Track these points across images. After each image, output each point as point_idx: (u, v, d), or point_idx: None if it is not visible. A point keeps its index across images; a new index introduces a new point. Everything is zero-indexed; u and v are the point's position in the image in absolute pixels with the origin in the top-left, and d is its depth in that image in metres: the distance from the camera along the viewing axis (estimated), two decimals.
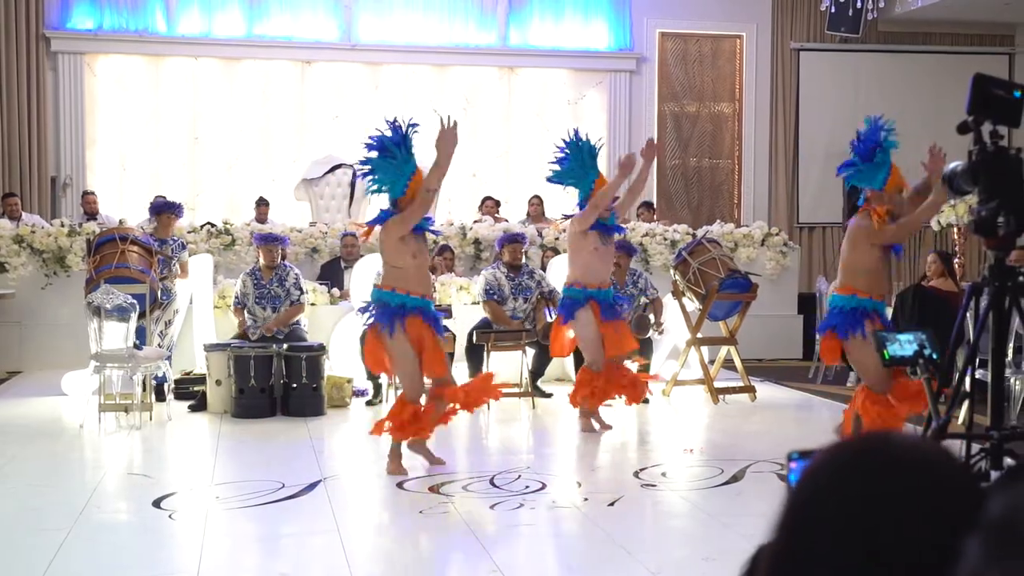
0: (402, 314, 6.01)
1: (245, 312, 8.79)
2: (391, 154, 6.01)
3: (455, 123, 5.96)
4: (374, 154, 6.04)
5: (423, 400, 6.19)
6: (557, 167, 7.41)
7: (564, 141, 7.39)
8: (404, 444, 6.19)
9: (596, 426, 7.53)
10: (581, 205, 7.35)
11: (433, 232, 6.53)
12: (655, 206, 13.37)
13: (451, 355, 8.79)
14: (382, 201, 6.42)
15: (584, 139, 7.37)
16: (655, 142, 7.65)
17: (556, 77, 14.31)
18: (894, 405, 6.09)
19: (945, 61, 14.60)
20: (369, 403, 8.60)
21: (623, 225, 8.49)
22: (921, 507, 1.16)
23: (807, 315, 11.55)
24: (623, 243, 9.55)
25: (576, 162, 7.32)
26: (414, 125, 6.06)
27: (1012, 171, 3.79)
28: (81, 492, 5.70)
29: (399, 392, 6.44)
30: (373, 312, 6.13)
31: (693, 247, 9.39)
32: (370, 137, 6.10)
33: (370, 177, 6.13)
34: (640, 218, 12.42)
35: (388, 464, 6.16)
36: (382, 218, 6.10)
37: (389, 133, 6.04)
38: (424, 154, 6.15)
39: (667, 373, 9.35)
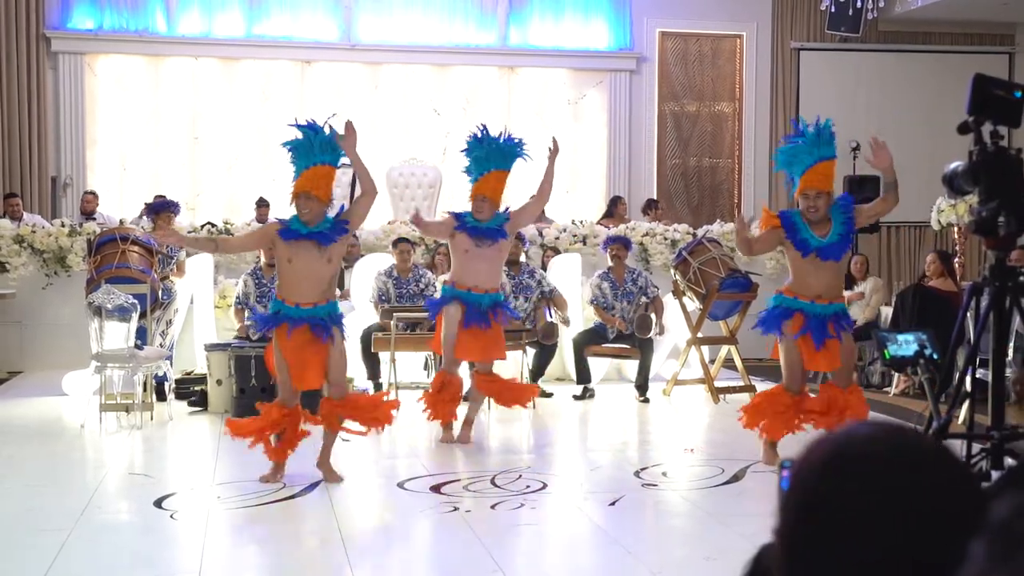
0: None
1: (246, 312, 8.79)
2: (307, 139, 5.95)
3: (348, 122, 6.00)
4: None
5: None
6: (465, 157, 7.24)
7: (471, 135, 7.17)
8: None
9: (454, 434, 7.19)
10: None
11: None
12: (660, 205, 13.32)
13: None
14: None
15: (486, 135, 7.09)
16: (557, 142, 7.34)
17: (556, 77, 14.31)
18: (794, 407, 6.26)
19: (945, 61, 14.60)
20: None
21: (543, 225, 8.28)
22: (921, 504, 1.17)
23: None
24: (618, 236, 9.56)
25: (472, 154, 7.13)
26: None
27: (1012, 171, 3.79)
28: (82, 492, 5.71)
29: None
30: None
31: (693, 247, 9.40)
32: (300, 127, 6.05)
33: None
34: (646, 217, 12.41)
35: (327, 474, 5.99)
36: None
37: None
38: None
39: (668, 372, 9.36)
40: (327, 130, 5.98)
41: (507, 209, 7.25)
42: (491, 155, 7.07)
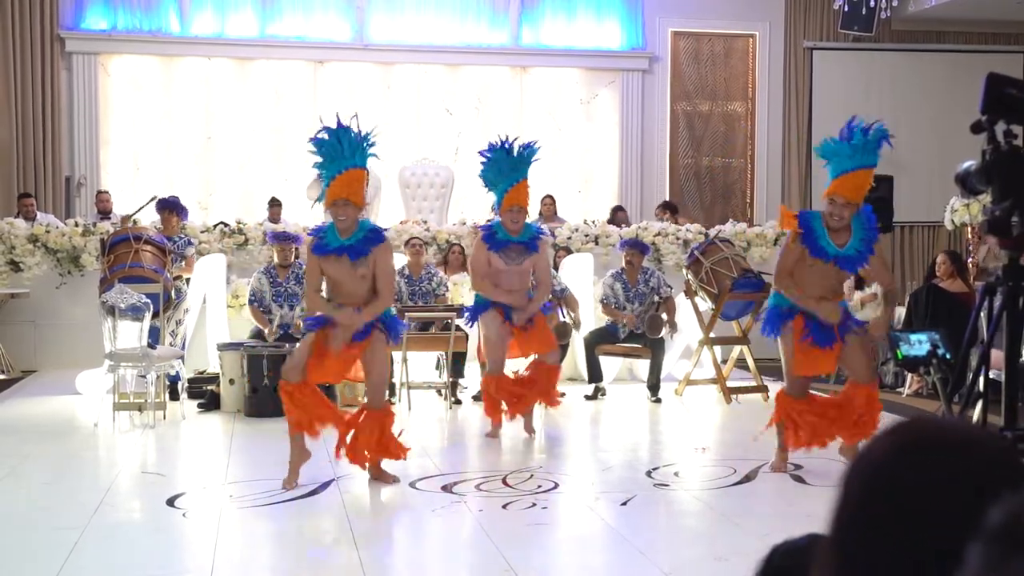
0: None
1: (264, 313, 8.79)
2: (335, 140, 5.68)
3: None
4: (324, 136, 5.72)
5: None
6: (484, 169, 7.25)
7: (490, 145, 7.18)
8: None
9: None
10: (496, 208, 7.38)
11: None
12: (677, 208, 13.23)
13: (463, 354, 8.83)
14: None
15: (511, 146, 7.08)
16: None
17: (568, 76, 14.30)
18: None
19: (958, 60, 14.55)
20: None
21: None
22: (969, 488, 1.17)
23: None
24: (635, 241, 9.54)
25: (494, 167, 7.11)
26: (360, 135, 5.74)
27: None
28: (95, 491, 5.73)
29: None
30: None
31: (706, 246, 9.39)
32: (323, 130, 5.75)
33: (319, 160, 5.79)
34: (660, 218, 12.36)
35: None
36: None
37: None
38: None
39: (680, 373, 9.35)
40: (354, 128, 5.72)
41: (537, 221, 7.29)
42: (515, 165, 7.08)
